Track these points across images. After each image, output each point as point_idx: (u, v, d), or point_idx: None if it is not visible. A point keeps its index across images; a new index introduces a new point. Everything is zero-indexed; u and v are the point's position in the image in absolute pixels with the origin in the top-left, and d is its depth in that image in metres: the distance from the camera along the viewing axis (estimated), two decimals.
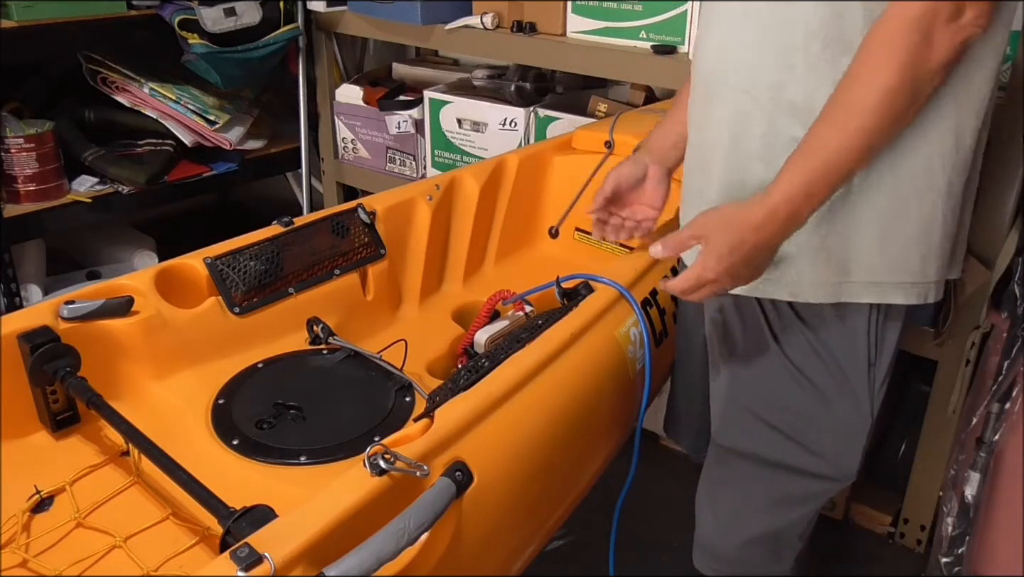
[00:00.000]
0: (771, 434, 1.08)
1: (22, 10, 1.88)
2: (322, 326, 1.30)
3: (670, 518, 1.58)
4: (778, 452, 1.09)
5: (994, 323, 1.49)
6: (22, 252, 2.14)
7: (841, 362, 1.03)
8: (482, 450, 0.93)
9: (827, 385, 1.04)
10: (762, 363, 1.07)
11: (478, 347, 1.34)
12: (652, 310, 1.28)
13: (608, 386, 1.18)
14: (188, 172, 2.30)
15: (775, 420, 1.08)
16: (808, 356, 1.04)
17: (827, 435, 1.07)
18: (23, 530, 0.96)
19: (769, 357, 1.06)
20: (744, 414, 1.10)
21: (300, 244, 1.36)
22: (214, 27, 2.10)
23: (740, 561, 1.16)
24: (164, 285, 1.21)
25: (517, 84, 2.06)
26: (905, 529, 1.84)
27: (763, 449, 1.10)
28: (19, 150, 2.00)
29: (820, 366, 1.04)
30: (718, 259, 0.91)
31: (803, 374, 1.05)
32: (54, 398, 1.10)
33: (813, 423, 1.06)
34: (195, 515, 0.96)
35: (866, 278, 0.98)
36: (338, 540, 0.76)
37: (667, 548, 1.59)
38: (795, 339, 1.04)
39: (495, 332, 1.34)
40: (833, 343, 1.03)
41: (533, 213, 1.75)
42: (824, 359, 1.04)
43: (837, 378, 1.04)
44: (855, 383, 1.04)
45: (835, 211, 0.95)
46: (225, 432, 1.10)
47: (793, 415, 1.07)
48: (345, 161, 2.52)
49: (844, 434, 1.06)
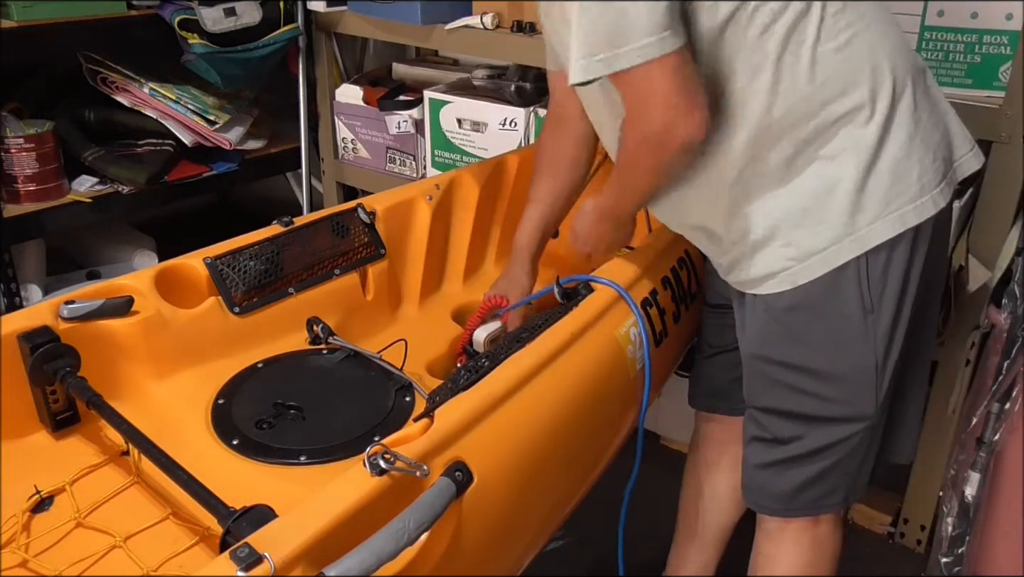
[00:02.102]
0: (788, 391, 1.15)
1: (22, 10, 1.88)
2: (322, 326, 1.30)
3: (670, 517, 1.58)
4: (800, 405, 1.15)
5: (994, 323, 1.49)
6: (22, 252, 2.14)
7: (835, 319, 1.09)
8: (482, 450, 0.93)
9: (827, 342, 1.11)
10: (767, 333, 1.15)
11: (477, 345, 1.34)
12: (652, 310, 1.28)
13: (608, 386, 1.18)
14: (188, 172, 2.30)
15: (789, 379, 1.14)
16: (804, 321, 1.11)
17: (838, 384, 1.12)
18: (23, 530, 0.96)
19: (772, 326, 1.14)
20: (764, 377, 1.17)
21: (300, 244, 1.36)
22: (214, 27, 2.10)
23: (791, 499, 1.21)
24: (164, 285, 1.21)
25: (517, 84, 2.06)
26: (905, 529, 1.84)
27: (788, 405, 1.16)
28: (19, 150, 2.00)
29: (817, 327, 1.11)
30: (580, 241, 1.30)
31: (803, 337, 1.12)
32: (54, 398, 1.10)
33: (822, 376, 1.12)
34: (195, 515, 0.96)
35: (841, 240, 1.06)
36: (338, 540, 0.76)
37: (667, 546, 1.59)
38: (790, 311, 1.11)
39: (494, 330, 1.34)
40: (822, 304, 1.09)
41: None
42: (819, 319, 1.10)
43: (834, 333, 1.10)
44: (852, 333, 1.09)
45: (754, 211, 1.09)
46: (225, 432, 1.10)
47: (804, 373, 1.13)
48: (345, 161, 2.52)
49: (854, 381, 1.12)
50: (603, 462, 1.24)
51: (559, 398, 1.07)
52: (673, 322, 1.35)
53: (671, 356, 1.43)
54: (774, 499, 1.23)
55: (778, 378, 1.15)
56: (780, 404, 1.17)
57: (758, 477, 1.24)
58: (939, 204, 1.07)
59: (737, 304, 1.21)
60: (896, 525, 1.86)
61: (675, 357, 1.48)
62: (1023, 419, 1.42)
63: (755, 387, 1.20)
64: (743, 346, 1.20)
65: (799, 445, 1.17)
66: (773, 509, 1.25)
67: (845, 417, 1.14)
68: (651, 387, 1.24)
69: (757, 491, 1.25)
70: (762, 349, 1.16)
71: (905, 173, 1.05)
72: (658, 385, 1.43)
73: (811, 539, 1.25)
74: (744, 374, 1.22)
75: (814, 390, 1.13)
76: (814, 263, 1.07)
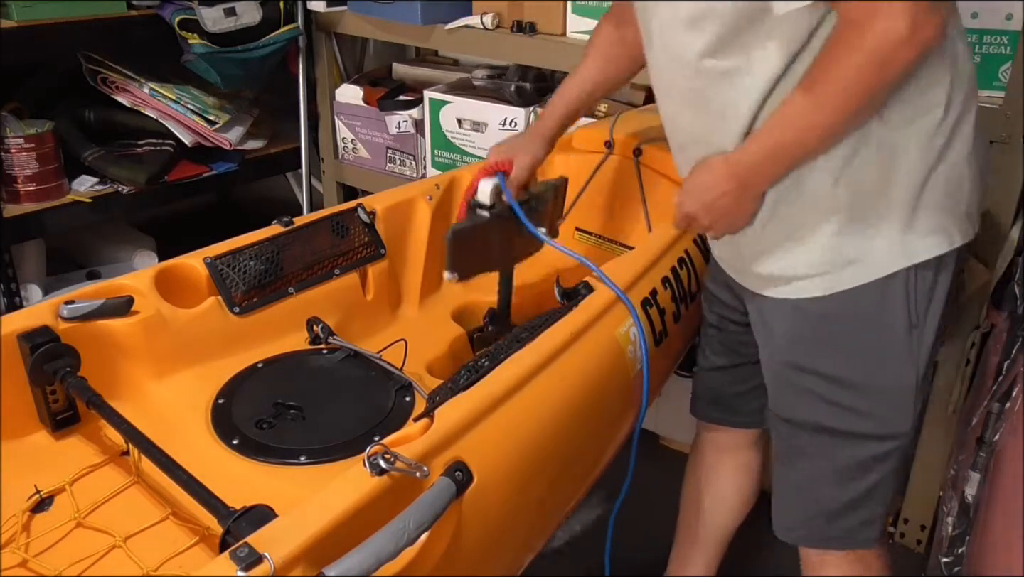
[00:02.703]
0: (821, 403, 1.10)
1: (22, 10, 1.88)
2: (322, 326, 1.30)
3: (670, 517, 1.58)
4: (831, 419, 1.10)
5: (994, 323, 1.49)
6: (22, 252, 2.14)
7: (878, 330, 1.04)
8: (482, 450, 0.93)
9: (867, 354, 1.06)
10: (798, 338, 1.10)
11: (482, 196, 1.30)
12: (652, 310, 1.28)
13: (608, 386, 1.18)
14: (188, 172, 2.30)
15: (822, 390, 1.09)
16: (843, 330, 1.06)
17: (875, 399, 1.07)
18: (23, 530, 0.96)
19: (805, 332, 1.09)
20: (793, 386, 1.12)
21: (300, 244, 1.36)
22: (214, 27, 2.10)
23: (820, 529, 1.17)
24: (164, 285, 1.21)
25: (517, 84, 2.06)
26: (905, 529, 1.84)
27: (818, 418, 1.11)
28: (19, 150, 2.00)
29: (857, 338, 1.06)
30: (691, 197, 1.08)
31: (841, 347, 1.07)
32: (54, 398, 1.10)
33: (859, 389, 1.07)
34: (195, 515, 0.96)
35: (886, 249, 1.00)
36: (338, 540, 0.76)
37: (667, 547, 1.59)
38: (827, 317, 1.06)
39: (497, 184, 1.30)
40: (866, 314, 1.04)
41: None
42: (860, 329, 1.05)
43: (875, 346, 1.05)
44: (896, 348, 1.05)
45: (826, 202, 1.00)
46: (225, 432, 1.10)
47: (838, 384, 1.08)
48: (345, 161, 2.52)
49: (892, 396, 1.07)
50: (603, 462, 1.24)
51: (559, 398, 1.07)
52: (673, 322, 1.35)
53: (671, 356, 1.43)
54: (807, 526, 1.18)
55: (810, 388, 1.10)
56: (810, 416, 1.11)
57: (788, 502, 1.20)
58: (976, 229, 1.05)
59: (755, 309, 1.16)
60: (896, 525, 1.86)
61: (675, 357, 1.48)
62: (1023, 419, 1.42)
63: (783, 397, 1.15)
64: (769, 353, 1.15)
65: (831, 464, 1.12)
66: (808, 539, 1.20)
67: (880, 434, 1.09)
68: (651, 387, 1.23)
69: (789, 519, 1.20)
70: (793, 356, 1.11)
71: (957, 189, 1.01)
72: (658, 385, 1.43)
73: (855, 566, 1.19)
74: (770, 382, 1.17)
75: (850, 403, 1.08)
76: (860, 269, 1.02)
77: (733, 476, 1.46)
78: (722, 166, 1.03)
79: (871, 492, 1.12)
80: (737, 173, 1.02)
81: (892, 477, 1.12)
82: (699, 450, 1.50)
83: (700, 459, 1.50)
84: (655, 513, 1.58)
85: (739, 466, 1.46)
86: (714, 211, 1.06)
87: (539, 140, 1.34)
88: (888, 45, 0.86)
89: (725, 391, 1.38)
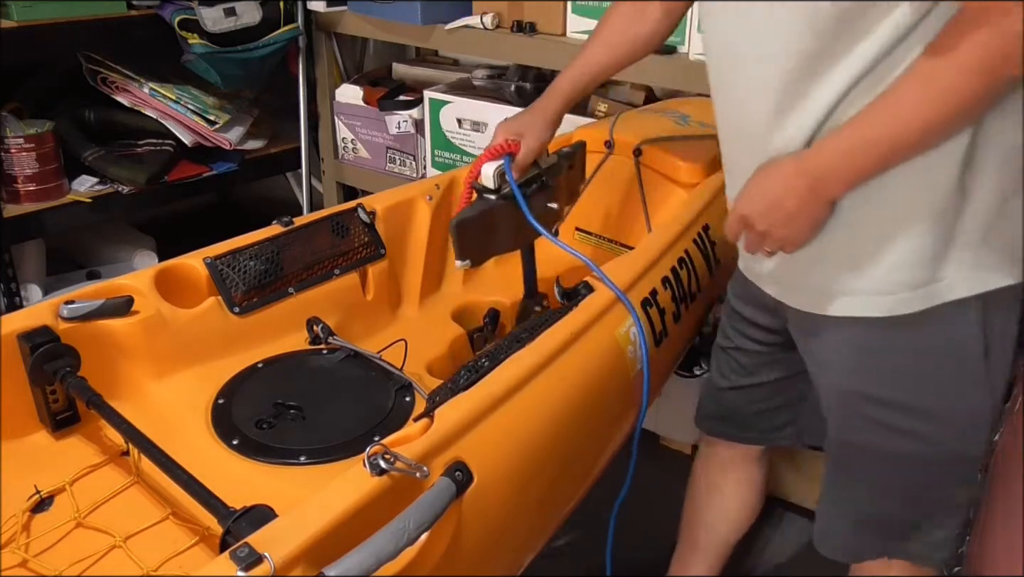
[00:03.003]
0: (890, 431, 1.05)
1: (22, 10, 1.88)
2: (322, 326, 1.30)
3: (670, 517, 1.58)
4: (902, 445, 1.05)
5: None
6: (22, 252, 2.14)
7: (952, 355, 0.99)
8: (482, 450, 0.93)
9: (940, 380, 1.01)
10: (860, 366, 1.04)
11: (485, 180, 1.26)
12: (652, 310, 1.28)
13: (608, 386, 1.17)
14: (188, 172, 2.30)
15: (891, 418, 1.04)
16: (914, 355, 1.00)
17: (948, 425, 1.03)
18: (23, 530, 0.96)
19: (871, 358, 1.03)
20: (859, 414, 1.07)
21: (300, 244, 1.36)
22: (214, 27, 2.10)
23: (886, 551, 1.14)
24: (164, 285, 1.21)
25: (517, 84, 2.06)
26: None
27: (888, 445, 1.06)
28: (19, 150, 2.00)
29: (928, 363, 1.00)
30: (749, 197, 0.97)
31: (910, 373, 1.01)
32: (54, 398, 1.10)
33: (931, 416, 1.02)
34: (195, 515, 0.96)
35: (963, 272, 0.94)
36: (338, 540, 0.76)
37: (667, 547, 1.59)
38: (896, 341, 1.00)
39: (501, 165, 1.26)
40: (938, 337, 0.98)
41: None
42: (932, 354, 1.00)
43: (949, 371, 1.00)
44: (972, 373, 0.99)
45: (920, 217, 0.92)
46: (225, 432, 1.10)
47: (909, 412, 1.03)
48: (345, 161, 2.52)
49: (966, 421, 1.03)
50: (603, 462, 1.24)
51: (559, 398, 1.07)
52: (673, 322, 1.35)
53: (671, 356, 1.43)
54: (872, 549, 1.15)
55: (877, 416, 1.04)
56: (881, 443, 1.06)
57: (844, 524, 1.17)
58: None
59: (805, 331, 1.10)
60: None
61: (675, 357, 1.48)
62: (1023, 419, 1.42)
63: (847, 423, 1.09)
64: (828, 380, 1.09)
65: (899, 487, 1.08)
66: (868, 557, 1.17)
67: (952, 458, 1.05)
68: (651, 387, 1.23)
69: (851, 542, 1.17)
70: (857, 384, 1.04)
71: None
72: (658, 385, 1.43)
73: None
74: (831, 409, 1.11)
75: (923, 430, 1.02)
76: (938, 288, 0.94)
77: (738, 490, 1.44)
78: (791, 164, 0.93)
79: (948, 516, 1.10)
80: (807, 171, 0.91)
81: (965, 497, 1.09)
82: (704, 463, 1.47)
83: (704, 472, 1.46)
84: (655, 513, 1.58)
85: (745, 480, 1.43)
86: (774, 215, 0.94)
87: (545, 122, 1.29)
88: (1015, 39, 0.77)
89: (743, 410, 1.33)
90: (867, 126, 0.87)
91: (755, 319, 1.23)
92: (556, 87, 1.31)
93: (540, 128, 1.29)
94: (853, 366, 1.04)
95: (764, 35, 0.93)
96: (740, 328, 1.27)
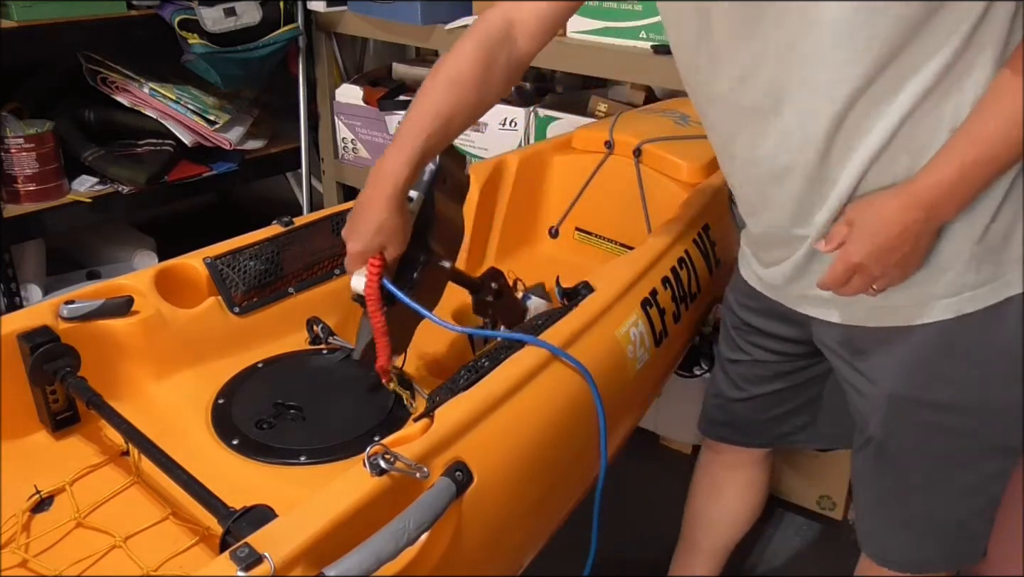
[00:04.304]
0: (940, 432, 1.04)
1: (22, 10, 1.88)
2: (322, 326, 1.30)
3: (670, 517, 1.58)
4: (952, 445, 1.05)
5: None
6: (22, 252, 2.14)
7: (1001, 351, 0.99)
8: (482, 450, 0.93)
9: (990, 377, 1.00)
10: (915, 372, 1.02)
11: (359, 288, 1.10)
12: (652, 310, 1.28)
13: (608, 386, 1.17)
14: (188, 172, 2.30)
15: (942, 419, 1.03)
16: (971, 356, 1.00)
17: (998, 419, 1.03)
18: (23, 530, 0.96)
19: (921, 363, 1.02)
20: (909, 420, 1.06)
21: (300, 244, 1.36)
22: (214, 27, 2.10)
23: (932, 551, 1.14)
24: (164, 285, 1.21)
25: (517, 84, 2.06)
26: None
27: (938, 447, 1.06)
28: (19, 150, 2.00)
29: (978, 361, 1.00)
30: (861, 241, 0.91)
31: (960, 373, 1.01)
32: (54, 398, 1.10)
33: (982, 412, 1.02)
34: (195, 515, 0.96)
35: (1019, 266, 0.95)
36: (338, 540, 0.76)
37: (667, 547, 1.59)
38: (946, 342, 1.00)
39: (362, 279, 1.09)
40: (994, 337, 0.99)
41: (533, 213, 1.75)
42: (982, 352, 0.99)
43: (999, 368, 1.00)
44: (1016, 367, 0.99)
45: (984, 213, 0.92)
46: (225, 432, 1.10)
47: (960, 412, 1.03)
48: (345, 161, 2.53)
49: (1010, 413, 1.02)
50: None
51: (559, 398, 1.07)
52: (673, 322, 1.35)
53: (671, 356, 1.43)
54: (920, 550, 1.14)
55: (928, 419, 1.04)
56: (930, 446, 1.05)
57: (901, 536, 1.14)
58: None
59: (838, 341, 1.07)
60: None
61: (675, 357, 1.48)
62: None
63: (894, 429, 1.07)
64: (875, 388, 1.06)
65: (949, 487, 1.08)
66: (919, 564, 1.15)
67: (996, 450, 1.04)
68: (651, 387, 1.23)
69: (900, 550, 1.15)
70: (907, 389, 1.03)
71: None
72: (658, 385, 1.43)
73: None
74: (876, 417, 1.08)
75: (973, 427, 1.03)
76: (995, 288, 0.95)
77: (740, 493, 1.44)
78: (900, 198, 0.89)
79: (984, 509, 1.10)
80: (922, 202, 0.88)
81: (999, 490, 1.09)
82: (706, 464, 1.46)
83: (707, 473, 1.46)
84: (655, 513, 1.59)
85: (747, 483, 1.43)
86: (892, 255, 0.90)
87: (397, 208, 1.03)
88: None
89: (751, 417, 1.32)
90: (975, 146, 0.85)
91: (774, 331, 1.21)
92: (385, 172, 1.03)
93: (398, 223, 1.05)
94: (910, 372, 1.02)
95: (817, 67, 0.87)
96: (755, 340, 1.25)
